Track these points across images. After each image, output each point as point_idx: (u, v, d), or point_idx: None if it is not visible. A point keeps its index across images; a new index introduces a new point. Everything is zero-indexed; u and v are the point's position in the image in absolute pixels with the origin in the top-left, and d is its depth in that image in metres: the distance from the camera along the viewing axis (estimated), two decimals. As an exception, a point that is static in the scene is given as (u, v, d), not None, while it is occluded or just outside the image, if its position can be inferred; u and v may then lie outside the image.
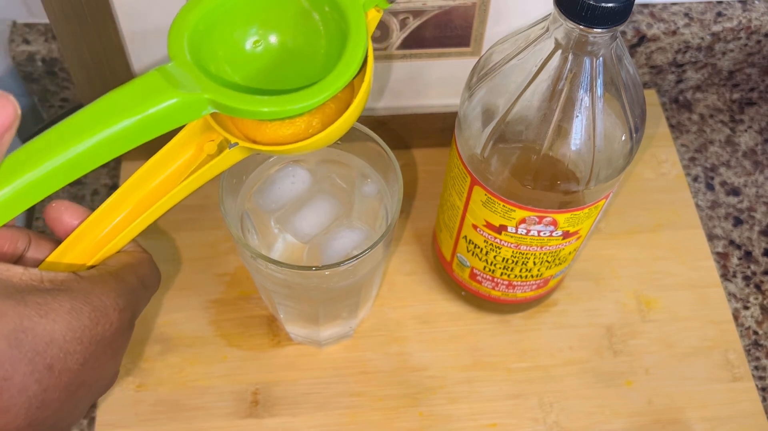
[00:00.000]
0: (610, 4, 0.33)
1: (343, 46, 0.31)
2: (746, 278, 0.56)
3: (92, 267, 0.32)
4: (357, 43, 0.31)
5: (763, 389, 0.52)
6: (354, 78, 0.31)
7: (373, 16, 0.33)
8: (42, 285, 0.28)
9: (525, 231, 0.43)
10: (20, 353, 0.26)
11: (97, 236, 0.32)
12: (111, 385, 0.33)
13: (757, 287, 0.56)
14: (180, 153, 0.33)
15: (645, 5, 0.59)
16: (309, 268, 0.40)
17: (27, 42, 0.56)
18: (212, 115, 0.31)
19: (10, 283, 0.27)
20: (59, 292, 0.28)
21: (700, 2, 0.60)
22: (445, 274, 0.53)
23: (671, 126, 0.64)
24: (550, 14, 0.37)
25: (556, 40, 0.36)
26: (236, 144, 0.32)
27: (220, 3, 0.32)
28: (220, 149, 0.33)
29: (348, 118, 0.32)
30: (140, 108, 0.29)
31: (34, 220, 0.56)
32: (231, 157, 0.33)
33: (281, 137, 0.32)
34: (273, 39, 0.34)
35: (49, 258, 0.31)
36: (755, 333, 0.54)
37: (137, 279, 0.32)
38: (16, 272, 0.28)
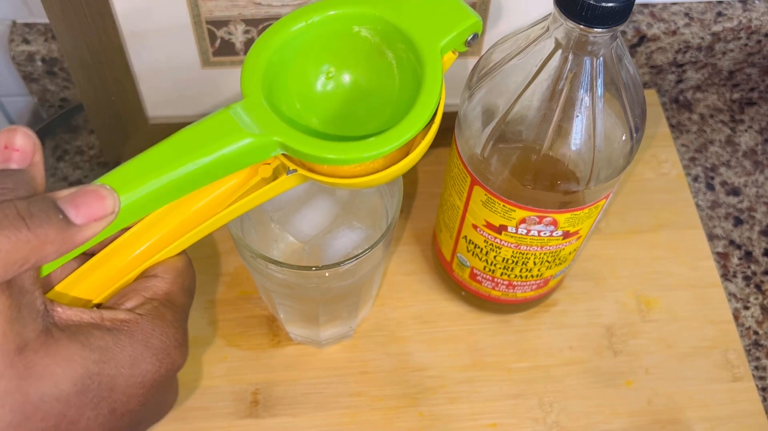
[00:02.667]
0: (610, 4, 0.33)
1: (417, 89, 0.30)
2: (746, 278, 0.56)
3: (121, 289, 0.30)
4: (431, 91, 0.30)
5: (763, 389, 0.52)
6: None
7: (448, 58, 0.32)
8: (103, 323, 0.28)
9: (525, 231, 0.43)
10: (86, 398, 0.27)
11: (127, 258, 0.31)
12: (172, 406, 0.32)
13: (758, 287, 0.56)
14: (232, 175, 0.31)
15: (645, 5, 0.59)
16: (309, 268, 0.40)
17: (27, 42, 0.56)
18: None
19: (71, 322, 0.27)
20: (120, 334, 0.28)
21: (700, 2, 0.60)
22: (445, 274, 0.53)
23: (671, 126, 0.64)
24: (550, 14, 0.37)
25: (556, 39, 0.36)
26: (295, 170, 0.31)
27: (293, 38, 0.32)
28: (275, 174, 0.32)
29: (411, 160, 0.31)
30: (212, 148, 0.28)
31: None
32: (286, 183, 0.32)
33: (342, 172, 0.31)
34: (346, 77, 0.33)
35: (76, 274, 0.30)
36: (755, 333, 0.54)
37: (186, 294, 0.31)
38: (76, 311, 0.27)
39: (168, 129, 0.53)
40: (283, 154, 0.31)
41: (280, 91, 0.32)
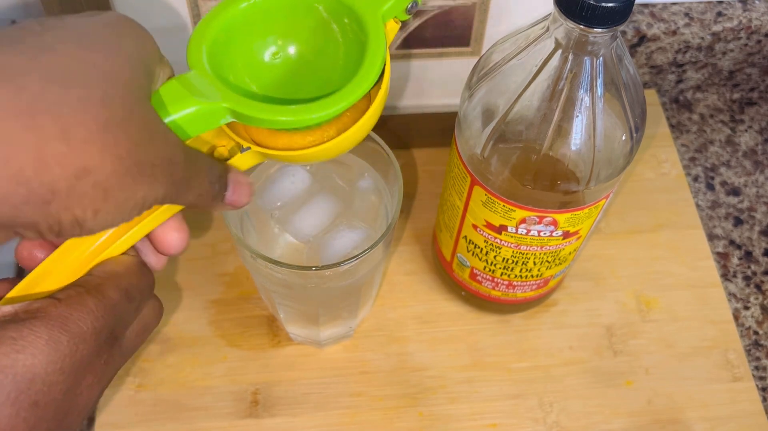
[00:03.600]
0: (610, 4, 0.33)
1: (361, 57, 0.31)
2: (746, 278, 0.56)
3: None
4: (375, 54, 0.31)
5: (763, 389, 0.52)
6: (371, 88, 0.31)
7: (392, 27, 0.33)
8: (17, 317, 0.27)
9: (525, 231, 0.43)
10: (2, 396, 0.25)
11: (83, 253, 0.30)
12: (93, 407, 0.31)
13: (758, 287, 0.56)
14: None
15: (645, 5, 0.59)
16: (309, 268, 0.40)
17: (27, 42, 0.56)
18: None
19: None
20: (35, 321, 0.27)
21: (701, 2, 0.60)
22: (445, 274, 0.53)
23: (671, 126, 0.64)
24: (550, 14, 0.37)
25: (556, 39, 0.36)
26: (248, 148, 0.32)
27: (240, 14, 0.32)
28: (231, 154, 0.32)
29: (362, 126, 0.32)
30: (161, 115, 0.29)
31: None
32: (242, 163, 0.32)
33: (295, 144, 0.32)
34: (292, 49, 0.34)
35: (21, 285, 0.29)
36: (755, 333, 0.54)
37: (120, 293, 0.30)
38: None
39: (168, 129, 0.53)
40: (236, 132, 0.31)
41: (228, 64, 0.32)
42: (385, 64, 0.32)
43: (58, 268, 0.30)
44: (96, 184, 0.24)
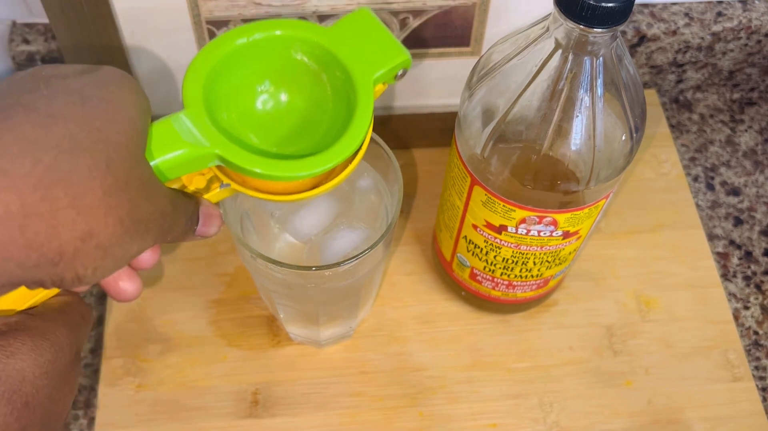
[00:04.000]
0: (610, 4, 0.33)
1: (349, 115, 0.32)
2: (746, 278, 0.56)
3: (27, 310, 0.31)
4: (363, 119, 0.32)
5: (763, 389, 0.52)
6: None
7: (379, 89, 0.34)
8: None
9: (525, 231, 0.43)
10: None
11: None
12: (68, 410, 0.33)
13: (758, 287, 0.56)
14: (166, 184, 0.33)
15: (645, 5, 0.59)
16: (309, 268, 0.40)
17: (27, 42, 0.56)
18: None
19: None
20: (17, 332, 0.28)
21: (700, 2, 0.60)
22: (445, 274, 0.53)
23: (671, 126, 0.64)
24: (550, 14, 0.37)
25: (556, 39, 0.36)
26: (228, 185, 0.33)
27: (235, 52, 0.33)
28: (209, 186, 0.33)
29: (338, 181, 0.33)
30: (151, 155, 0.30)
31: None
32: (218, 196, 0.34)
33: (271, 188, 0.33)
34: (283, 96, 0.35)
35: None
36: (755, 333, 0.54)
37: (78, 315, 0.32)
38: None
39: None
40: (217, 167, 0.32)
41: (221, 104, 0.33)
42: (369, 130, 0.33)
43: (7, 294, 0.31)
44: (98, 245, 0.27)
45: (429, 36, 0.50)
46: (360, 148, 0.33)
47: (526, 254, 0.45)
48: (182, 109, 0.31)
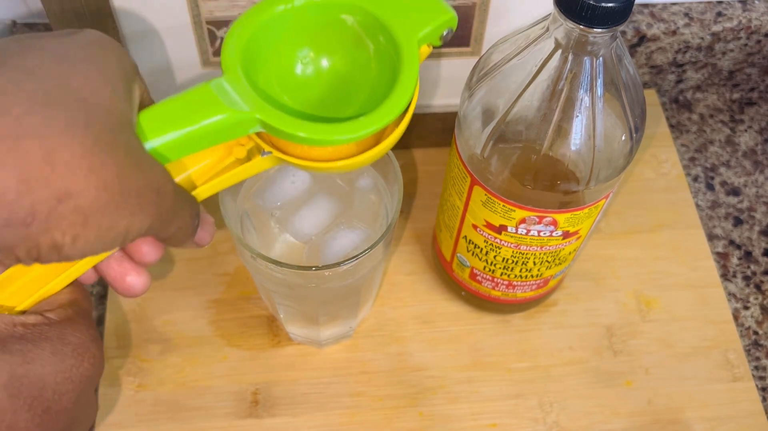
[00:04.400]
0: (610, 4, 0.33)
1: (393, 79, 0.31)
2: (746, 278, 0.56)
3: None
4: (408, 81, 0.31)
5: (763, 389, 0.52)
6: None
7: (424, 51, 0.33)
8: (15, 330, 0.28)
9: (525, 231, 0.43)
10: (20, 401, 0.27)
11: (32, 279, 0.30)
12: (93, 419, 0.32)
13: (757, 287, 0.56)
14: (206, 155, 0.31)
15: (645, 5, 0.59)
16: (309, 268, 0.40)
17: (27, 42, 0.56)
18: None
19: None
20: (36, 338, 0.28)
21: (700, 2, 0.60)
22: (445, 274, 0.53)
23: (671, 126, 0.64)
24: (550, 14, 0.37)
25: (556, 40, 0.36)
26: (270, 153, 0.31)
27: (274, 19, 0.32)
28: (249, 156, 0.32)
29: (385, 147, 0.32)
30: (189, 121, 0.29)
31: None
32: (260, 165, 0.32)
33: (314, 155, 0.32)
34: (324, 62, 0.34)
35: None
36: (755, 333, 0.54)
37: (87, 299, 0.32)
38: None
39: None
40: (257, 134, 0.31)
41: (259, 70, 0.32)
42: (415, 89, 0.32)
43: (26, 274, 0.30)
44: (77, 208, 0.24)
45: (429, 36, 0.50)
46: (406, 111, 0.32)
47: (526, 254, 0.45)
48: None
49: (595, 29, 0.34)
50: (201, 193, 0.32)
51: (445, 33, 0.33)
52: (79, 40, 0.27)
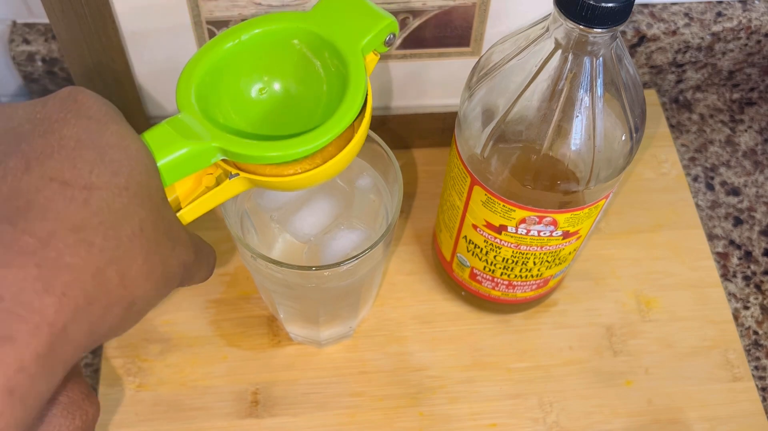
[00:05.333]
0: (610, 4, 0.33)
1: (343, 91, 0.33)
2: (746, 278, 0.56)
3: None
4: (356, 88, 0.32)
5: (763, 389, 0.52)
6: (355, 119, 0.33)
7: (371, 59, 0.34)
8: None
9: (525, 231, 0.43)
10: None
11: None
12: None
13: (757, 287, 0.56)
14: (175, 188, 0.33)
15: (645, 5, 0.59)
16: (309, 268, 0.40)
17: (27, 42, 0.56)
18: None
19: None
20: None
21: (700, 2, 0.60)
22: (445, 274, 0.53)
23: (671, 126, 0.64)
24: (550, 14, 0.37)
25: (556, 40, 0.36)
26: (237, 175, 0.33)
27: (225, 54, 0.34)
28: (218, 182, 0.33)
29: (347, 154, 0.33)
30: (156, 157, 0.30)
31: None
32: (230, 189, 0.34)
33: (282, 172, 0.33)
34: (277, 86, 0.36)
35: None
36: (755, 333, 0.54)
37: (80, 362, 0.33)
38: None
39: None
40: (223, 160, 0.32)
41: (216, 104, 0.34)
42: (367, 96, 0.33)
43: None
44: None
45: (429, 36, 0.50)
46: (362, 116, 0.33)
47: (526, 254, 0.45)
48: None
49: (595, 29, 0.34)
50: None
51: (388, 38, 0.35)
52: (84, 115, 0.28)
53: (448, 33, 0.50)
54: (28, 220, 0.24)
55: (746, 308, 0.55)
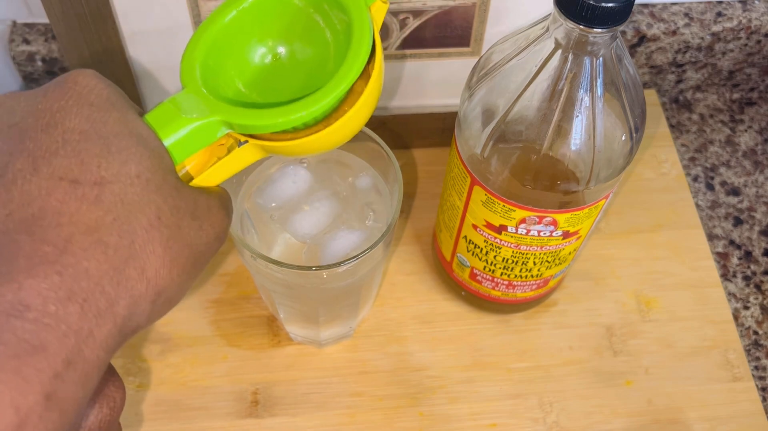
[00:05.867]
0: (610, 4, 0.33)
1: (349, 45, 0.31)
2: (746, 278, 0.56)
3: None
4: (360, 38, 0.31)
5: (763, 389, 0.52)
6: (360, 75, 0.31)
7: (379, 8, 0.33)
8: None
9: (525, 231, 0.43)
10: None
11: None
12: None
13: (757, 287, 0.56)
14: (184, 163, 0.32)
15: (645, 5, 0.59)
16: (309, 268, 0.40)
17: (27, 42, 0.56)
18: None
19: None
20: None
21: (700, 2, 0.60)
22: (445, 274, 0.53)
23: (671, 126, 0.64)
24: (550, 14, 0.37)
25: (556, 40, 0.36)
26: (246, 142, 0.32)
27: (227, 25, 0.33)
28: (230, 150, 0.32)
29: (359, 112, 0.32)
30: (160, 136, 0.29)
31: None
32: (242, 158, 0.32)
33: (295, 135, 0.32)
34: (282, 51, 0.34)
35: None
36: (755, 333, 0.54)
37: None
38: None
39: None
40: (232, 131, 0.31)
41: (224, 77, 0.33)
42: (375, 46, 0.31)
43: None
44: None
45: (429, 36, 0.50)
46: (369, 73, 0.31)
47: (526, 254, 0.45)
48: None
49: (595, 29, 0.34)
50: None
51: None
52: (86, 101, 0.28)
53: (448, 33, 0.50)
54: (44, 228, 0.24)
55: (746, 308, 0.55)
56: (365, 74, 0.32)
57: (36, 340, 0.23)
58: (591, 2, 0.33)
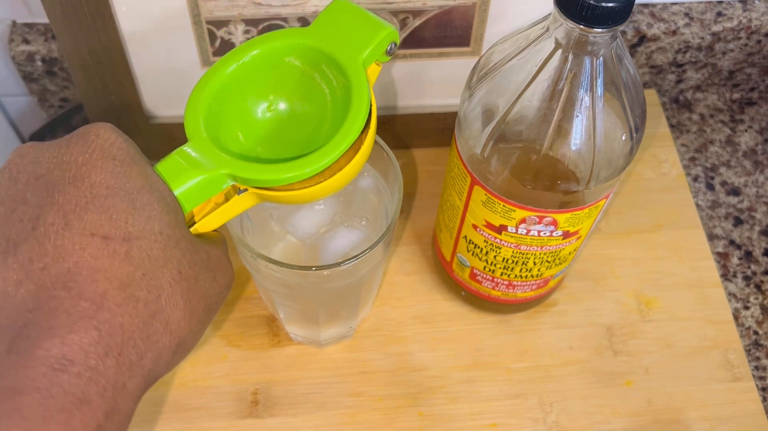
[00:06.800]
0: (610, 4, 0.33)
1: (347, 105, 0.33)
2: (746, 278, 0.56)
3: None
4: (359, 102, 0.32)
5: (763, 389, 0.52)
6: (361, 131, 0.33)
7: (373, 70, 0.34)
8: None
9: (525, 231, 0.43)
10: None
11: None
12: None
13: (758, 287, 0.56)
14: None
15: (645, 5, 0.59)
16: (308, 268, 0.40)
17: (27, 42, 0.56)
18: None
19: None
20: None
21: (700, 2, 0.60)
22: (445, 274, 0.53)
23: (671, 126, 0.64)
24: (550, 14, 0.37)
25: (556, 39, 0.36)
26: (246, 190, 0.33)
27: (228, 79, 0.34)
28: (227, 198, 0.34)
29: (355, 165, 0.33)
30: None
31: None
32: (239, 205, 0.34)
33: (292, 187, 0.33)
34: (282, 105, 0.36)
35: None
36: (755, 333, 0.54)
37: None
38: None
39: (168, 129, 0.53)
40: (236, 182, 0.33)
41: (226, 129, 0.34)
42: (371, 107, 0.33)
43: None
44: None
45: (429, 36, 0.50)
46: (366, 127, 0.33)
47: (526, 254, 0.45)
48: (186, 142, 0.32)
49: (595, 29, 0.34)
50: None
51: (389, 48, 0.34)
52: (106, 156, 0.28)
53: (448, 33, 0.50)
54: (80, 284, 0.25)
55: (746, 308, 0.55)
56: (363, 129, 0.33)
57: (81, 394, 0.24)
58: (591, 2, 0.33)
